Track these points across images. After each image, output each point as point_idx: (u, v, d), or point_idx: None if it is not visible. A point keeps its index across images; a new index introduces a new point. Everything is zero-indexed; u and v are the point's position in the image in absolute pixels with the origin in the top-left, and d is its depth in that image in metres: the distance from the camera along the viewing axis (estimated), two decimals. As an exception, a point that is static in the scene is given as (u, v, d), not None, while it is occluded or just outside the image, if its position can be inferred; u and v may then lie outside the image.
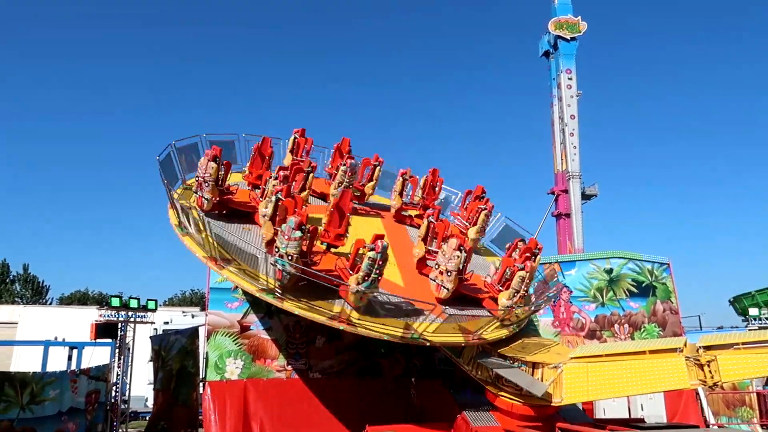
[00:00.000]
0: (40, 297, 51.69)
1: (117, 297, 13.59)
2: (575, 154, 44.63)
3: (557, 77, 46.06)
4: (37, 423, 11.33)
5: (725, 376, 10.62)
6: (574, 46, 45.96)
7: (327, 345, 17.21)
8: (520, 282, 13.64)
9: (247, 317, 16.77)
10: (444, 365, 17.31)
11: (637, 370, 11.28)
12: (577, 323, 18.99)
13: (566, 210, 44.49)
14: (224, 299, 16.62)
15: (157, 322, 18.51)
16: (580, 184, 44.79)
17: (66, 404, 11.96)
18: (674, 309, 19.46)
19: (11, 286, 51.78)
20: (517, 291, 13.68)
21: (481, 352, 13.36)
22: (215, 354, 16.30)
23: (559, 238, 44.82)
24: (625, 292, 19.42)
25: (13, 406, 11.00)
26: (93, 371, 12.98)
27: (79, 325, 21.14)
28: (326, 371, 17.10)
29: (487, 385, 13.23)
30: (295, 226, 11.31)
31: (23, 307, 29.05)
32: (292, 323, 16.72)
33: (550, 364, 12.56)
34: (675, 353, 11.15)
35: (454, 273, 12.90)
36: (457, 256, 12.83)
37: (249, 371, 16.40)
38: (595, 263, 19.70)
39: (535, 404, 12.46)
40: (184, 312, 26.61)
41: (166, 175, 13.05)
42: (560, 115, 45.58)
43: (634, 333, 18.91)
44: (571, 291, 19.23)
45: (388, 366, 17.82)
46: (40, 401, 11.44)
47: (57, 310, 29.96)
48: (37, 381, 11.52)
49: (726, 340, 10.88)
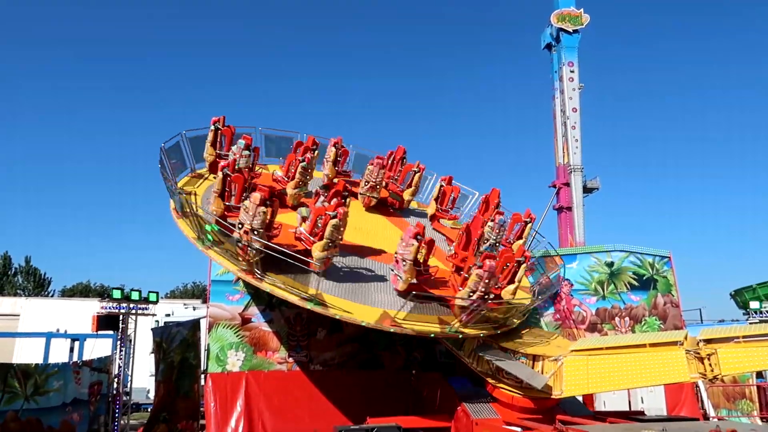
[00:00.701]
0: (42, 289, 51.86)
1: (118, 289, 13.62)
2: (577, 147, 44.58)
3: (559, 70, 45.92)
4: (42, 413, 11.40)
5: (725, 370, 10.64)
6: (576, 39, 45.79)
7: (328, 337, 17.25)
8: (477, 281, 12.20)
9: (249, 309, 16.80)
10: (445, 358, 17.36)
11: (638, 363, 11.32)
12: (578, 316, 19.02)
13: (567, 203, 44.49)
14: (226, 291, 16.65)
15: (158, 314, 18.57)
16: (582, 178, 44.76)
17: (70, 395, 12.02)
18: (675, 302, 19.46)
19: (13, 278, 51.93)
20: (474, 291, 12.30)
21: (482, 345, 13.39)
22: (216, 346, 16.36)
23: (561, 231, 44.87)
24: (626, 285, 19.42)
25: (17, 397, 11.06)
26: (95, 363, 13.04)
27: (80, 317, 21.22)
28: (327, 363, 17.16)
29: (488, 378, 13.27)
30: (259, 201, 11.43)
31: (25, 299, 29.11)
32: (293, 315, 16.76)
33: (551, 357, 12.60)
34: (675, 346, 11.18)
35: (410, 262, 12.53)
36: (413, 244, 12.44)
37: (250, 363, 16.45)
38: (596, 256, 19.68)
39: (536, 396, 12.51)
40: (186, 304, 26.69)
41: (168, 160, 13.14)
42: (562, 108, 45.48)
43: (634, 326, 18.92)
44: (572, 284, 19.25)
45: (389, 358, 17.89)
46: (44, 392, 11.51)
47: (59, 302, 30.05)
48: (40, 372, 11.58)
49: (726, 334, 10.89)
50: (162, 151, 13.45)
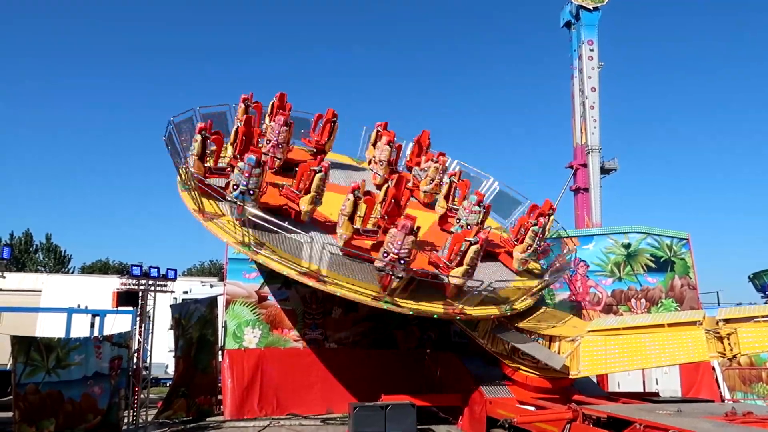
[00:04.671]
0: (63, 266, 52.77)
1: (138, 266, 13.78)
2: (595, 127, 43.94)
3: (578, 48, 45.11)
4: (64, 386, 11.63)
5: (745, 349, 10.60)
6: (596, 17, 44.85)
7: (343, 316, 17.41)
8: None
9: (265, 287, 17.00)
10: (458, 338, 17.42)
11: (656, 342, 11.28)
12: (594, 297, 18.94)
13: (585, 184, 44.03)
14: (242, 269, 16.84)
15: (176, 291, 18.79)
16: (600, 158, 44.19)
17: (91, 369, 12.24)
18: (692, 285, 19.29)
19: (35, 255, 52.90)
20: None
21: (498, 326, 13.41)
22: (234, 323, 16.59)
23: (577, 213, 44.49)
24: (642, 267, 19.27)
25: (39, 370, 11.30)
26: (116, 338, 13.24)
27: (100, 294, 21.52)
28: (342, 341, 17.33)
29: (503, 359, 13.31)
30: (255, 162, 11.43)
31: (47, 276, 29.61)
32: (308, 294, 16.91)
33: (568, 337, 12.60)
34: (695, 326, 11.13)
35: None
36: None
37: (267, 340, 16.68)
38: (613, 237, 19.53)
39: (551, 377, 12.54)
40: (203, 282, 26.95)
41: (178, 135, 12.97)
42: (581, 88, 44.76)
43: (651, 308, 18.82)
44: (588, 265, 19.14)
45: (403, 337, 18.01)
46: (65, 366, 11.73)
47: (79, 278, 30.45)
48: (62, 346, 11.80)
49: (746, 313, 10.84)
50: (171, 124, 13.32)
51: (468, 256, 12.04)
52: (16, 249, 48.91)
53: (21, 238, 52.32)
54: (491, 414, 12.27)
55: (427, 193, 16.51)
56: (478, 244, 12.05)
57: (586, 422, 9.60)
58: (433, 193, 16.54)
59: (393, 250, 11.38)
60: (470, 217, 14.69)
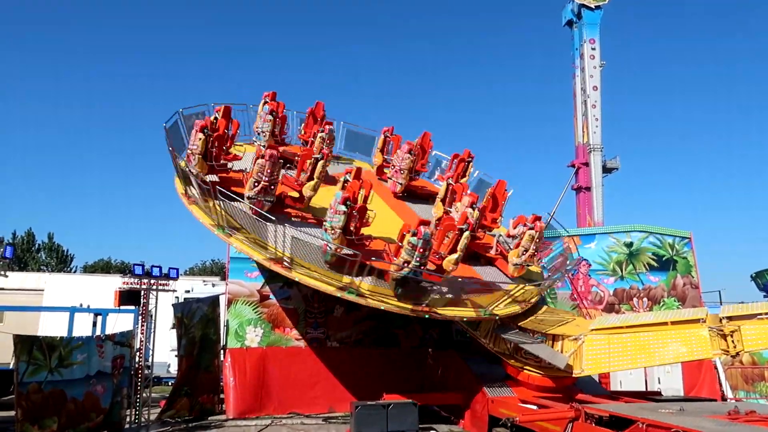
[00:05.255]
0: (65, 265, 52.85)
1: (140, 265, 13.78)
2: (597, 126, 43.81)
3: (580, 47, 44.97)
4: (66, 385, 11.63)
5: (748, 346, 10.59)
6: (598, 15, 44.71)
7: (345, 315, 17.40)
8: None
9: (267, 287, 16.99)
10: (460, 336, 17.44)
11: (659, 340, 11.27)
12: (596, 296, 18.92)
13: (587, 183, 43.90)
14: (244, 269, 16.84)
15: (178, 290, 18.81)
16: (602, 157, 44.08)
17: (94, 368, 12.25)
18: (694, 283, 19.27)
19: (37, 254, 52.99)
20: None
21: (500, 326, 13.38)
22: (236, 322, 16.59)
23: (579, 212, 44.35)
24: (645, 265, 19.25)
25: (41, 369, 11.28)
26: (118, 337, 13.25)
27: (102, 293, 21.57)
28: (344, 340, 17.33)
29: (505, 358, 13.28)
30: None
31: (49, 275, 29.65)
32: (310, 293, 16.89)
33: (571, 336, 12.58)
34: (698, 324, 11.11)
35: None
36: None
37: (268, 339, 16.68)
38: (615, 236, 19.51)
39: (554, 375, 12.52)
40: (205, 281, 26.99)
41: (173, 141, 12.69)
42: (582, 87, 44.64)
43: (653, 307, 18.80)
44: (590, 264, 19.12)
45: (405, 336, 18.00)
46: (68, 365, 11.72)
47: (82, 277, 30.50)
48: (65, 345, 11.79)
49: (749, 311, 10.82)
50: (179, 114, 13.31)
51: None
52: (18, 248, 48.99)
53: (23, 237, 52.45)
54: (493, 413, 12.26)
55: (518, 266, 14.36)
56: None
57: (588, 421, 9.59)
58: (525, 266, 14.45)
59: (263, 179, 11.94)
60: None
